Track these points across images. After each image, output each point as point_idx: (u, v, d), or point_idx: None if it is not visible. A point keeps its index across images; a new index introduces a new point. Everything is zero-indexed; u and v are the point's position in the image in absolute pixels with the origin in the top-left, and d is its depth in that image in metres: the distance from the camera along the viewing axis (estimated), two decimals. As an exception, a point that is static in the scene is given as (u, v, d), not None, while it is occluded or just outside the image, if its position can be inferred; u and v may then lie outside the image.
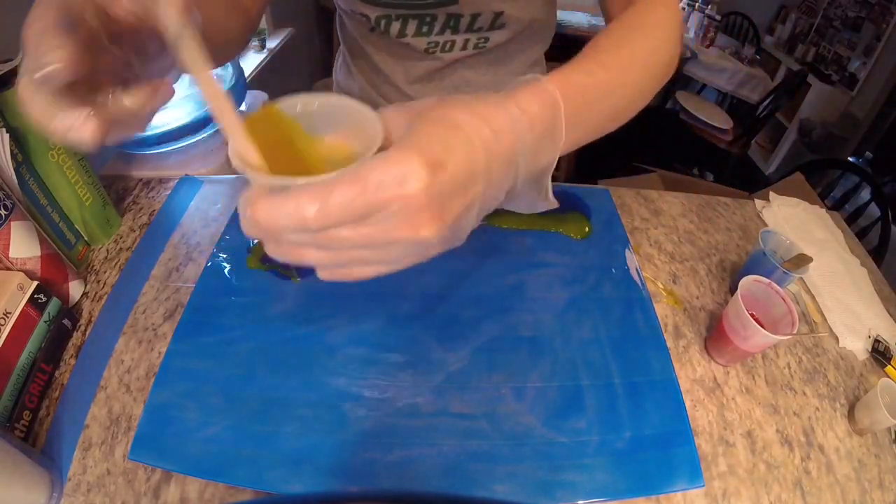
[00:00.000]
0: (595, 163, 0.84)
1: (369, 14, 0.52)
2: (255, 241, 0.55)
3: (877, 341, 0.55)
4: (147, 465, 0.38)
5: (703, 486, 0.40)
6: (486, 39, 0.55)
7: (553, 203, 0.30)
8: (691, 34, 2.79)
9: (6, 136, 0.43)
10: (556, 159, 0.28)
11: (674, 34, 0.35)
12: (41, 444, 0.40)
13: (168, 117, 0.92)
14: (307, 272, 0.51)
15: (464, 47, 0.56)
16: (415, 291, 0.51)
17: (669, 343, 0.51)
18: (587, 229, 0.61)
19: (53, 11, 0.19)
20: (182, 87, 0.93)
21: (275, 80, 1.71)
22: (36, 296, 0.43)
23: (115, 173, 0.73)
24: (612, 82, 0.31)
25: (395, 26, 0.53)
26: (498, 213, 0.60)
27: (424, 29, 0.53)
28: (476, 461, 0.39)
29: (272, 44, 1.71)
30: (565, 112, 0.27)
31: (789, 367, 0.52)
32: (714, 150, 2.29)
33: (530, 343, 0.47)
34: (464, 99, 0.25)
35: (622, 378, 0.45)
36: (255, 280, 0.51)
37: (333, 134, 0.27)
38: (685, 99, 2.47)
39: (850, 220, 1.21)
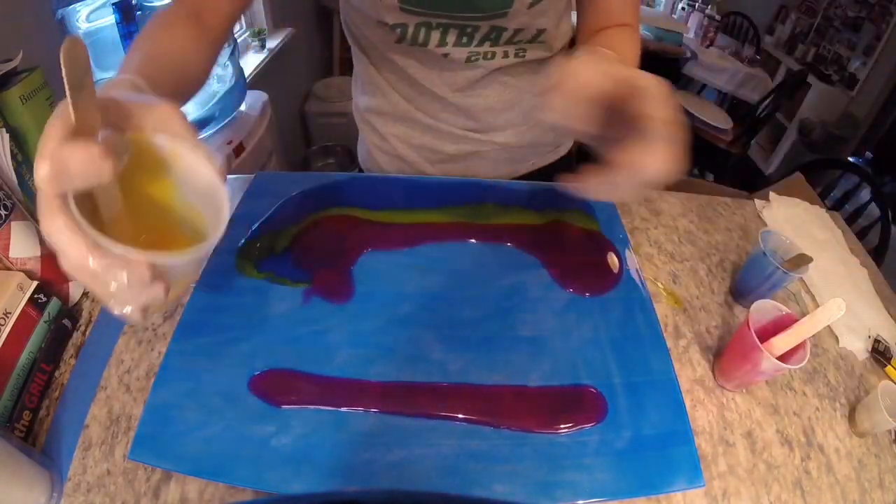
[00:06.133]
0: (595, 163, 0.84)
1: (407, 23, 0.51)
2: (242, 242, 0.54)
3: (877, 341, 0.55)
4: (147, 465, 0.38)
5: (703, 486, 0.40)
6: (525, 51, 0.56)
7: None
8: (691, 34, 2.79)
9: (6, 136, 0.43)
10: None
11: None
12: (41, 444, 0.40)
13: (168, 117, 0.91)
14: (302, 278, 0.51)
15: (504, 56, 0.56)
16: (415, 291, 0.51)
17: (669, 343, 0.51)
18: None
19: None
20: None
21: (275, 80, 1.71)
22: (36, 296, 0.43)
23: (115, 173, 0.73)
24: None
25: (435, 36, 0.52)
26: (501, 213, 0.60)
27: (464, 40, 0.52)
28: (476, 461, 0.39)
29: (272, 44, 1.70)
30: None
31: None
32: (714, 150, 2.29)
33: (530, 343, 0.47)
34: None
35: (622, 378, 0.45)
36: (255, 280, 0.51)
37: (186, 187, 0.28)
38: (685, 99, 2.47)
39: (850, 220, 1.21)
